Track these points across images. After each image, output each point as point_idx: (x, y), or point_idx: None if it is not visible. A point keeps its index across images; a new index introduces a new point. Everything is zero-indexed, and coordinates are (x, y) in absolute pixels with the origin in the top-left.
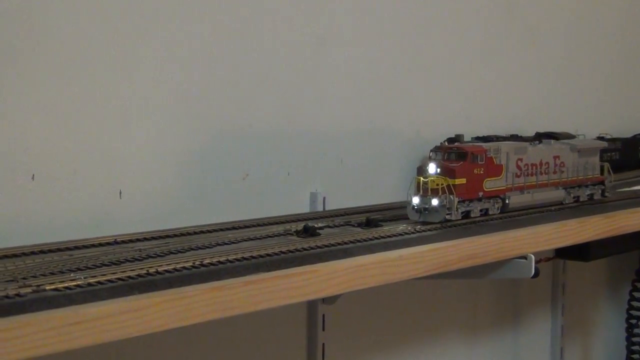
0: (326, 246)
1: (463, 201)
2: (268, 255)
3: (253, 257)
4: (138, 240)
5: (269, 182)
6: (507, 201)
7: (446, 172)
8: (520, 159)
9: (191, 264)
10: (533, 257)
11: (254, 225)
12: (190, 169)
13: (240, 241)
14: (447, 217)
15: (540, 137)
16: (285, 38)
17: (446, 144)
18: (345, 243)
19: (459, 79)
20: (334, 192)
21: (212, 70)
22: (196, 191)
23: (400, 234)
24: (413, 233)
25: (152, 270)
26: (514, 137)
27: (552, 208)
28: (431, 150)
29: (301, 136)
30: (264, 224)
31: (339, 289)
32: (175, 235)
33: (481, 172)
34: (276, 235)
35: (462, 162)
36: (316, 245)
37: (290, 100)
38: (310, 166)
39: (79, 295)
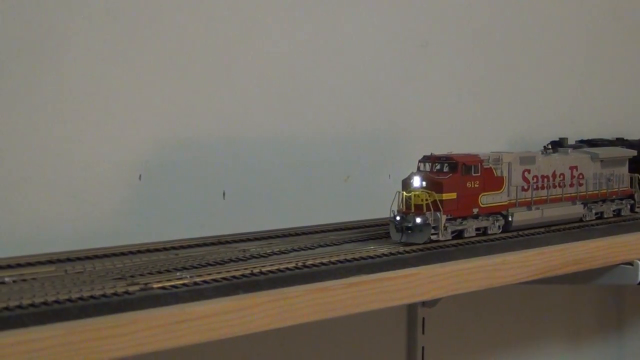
0: (428, 249)
1: (453, 219)
2: (370, 257)
3: (355, 259)
4: (241, 240)
5: (369, 184)
6: (510, 218)
7: (432, 185)
8: (528, 171)
9: (294, 264)
10: None
11: (355, 228)
12: (293, 171)
13: (342, 243)
14: (434, 237)
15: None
16: (387, 42)
17: (450, 152)
18: (448, 247)
19: (564, 81)
20: None
21: (316, 75)
22: (298, 193)
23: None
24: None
25: (256, 271)
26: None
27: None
28: (419, 160)
29: (402, 138)
30: (366, 226)
31: (440, 292)
32: (278, 236)
33: (476, 185)
34: (377, 238)
35: (451, 174)
36: (418, 249)
37: (391, 103)
38: (412, 169)
39: (185, 294)
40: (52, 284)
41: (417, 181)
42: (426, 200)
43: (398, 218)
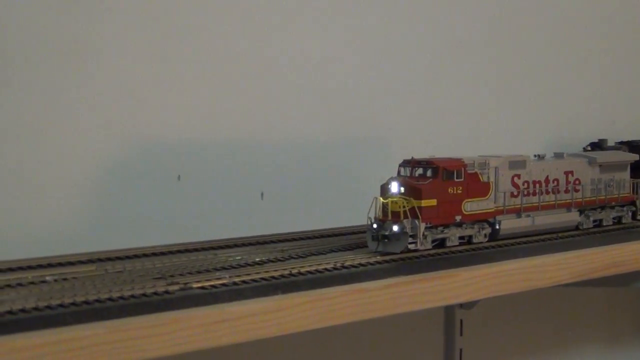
0: (468, 251)
1: (434, 227)
2: (409, 258)
3: (394, 260)
4: (279, 241)
5: None
6: (497, 226)
7: (411, 191)
8: (517, 176)
9: (332, 265)
10: None
11: None
12: (329, 173)
13: None
14: (412, 246)
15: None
16: (422, 41)
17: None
18: (487, 248)
19: (605, 81)
20: None
21: (356, 76)
22: (335, 195)
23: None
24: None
25: (294, 271)
26: None
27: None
28: (400, 165)
29: (439, 141)
30: None
31: (479, 294)
32: (316, 237)
33: (459, 191)
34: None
35: (431, 180)
36: (457, 251)
37: (427, 104)
38: None
39: (224, 294)
40: (92, 283)
41: (394, 187)
42: (404, 207)
43: (375, 226)
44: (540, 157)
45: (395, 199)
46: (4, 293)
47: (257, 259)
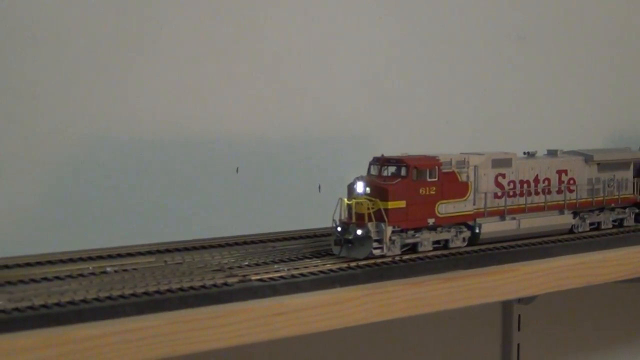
0: (526, 245)
1: (403, 231)
2: (467, 252)
3: (452, 254)
4: None
5: None
6: (477, 230)
7: (377, 192)
8: (502, 175)
9: (390, 259)
10: None
11: None
12: None
13: None
14: (377, 252)
15: None
16: (482, 34)
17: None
18: (546, 242)
19: None
20: None
21: (413, 69)
22: None
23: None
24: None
25: (352, 264)
26: None
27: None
28: (370, 162)
29: (499, 129)
30: None
31: (538, 289)
32: None
33: (432, 192)
34: None
35: (400, 180)
36: (516, 244)
37: (488, 97)
38: None
39: (282, 287)
40: (152, 274)
41: (360, 187)
42: (369, 209)
43: (339, 229)
44: (530, 155)
45: (360, 200)
46: (65, 284)
47: (315, 252)
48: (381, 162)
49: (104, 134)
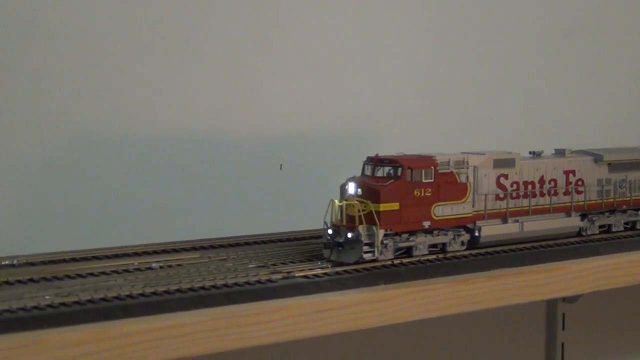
0: (573, 243)
1: (397, 234)
2: (512, 250)
3: (496, 252)
4: None
5: None
6: (477, 233)
7: (368, 193)
8: (504, 176)
9: (435, 256)
10: None
11: None
12: None
13: None
14: (368, 256)
15: None
16: (531, 31)
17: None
18: (592, 241)
19: None
20: None
21: (463, 66)
22: None
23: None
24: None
25: (396, 262)
26: None
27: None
28: (364, 162)
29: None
30: None
31: (585, 287)
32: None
33: (428, 193)
34: None
35: (393, 181)
36: (562, 242)
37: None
38: None
39: (327, 283)
40: (197, 270)
41: (351, 188)
42: (360, 211)
43: (330, 232)
44: (536, 155)
45: (351, 202)
46: (111, 279)
47: None
48: (374, 162)
49: (158, 133)
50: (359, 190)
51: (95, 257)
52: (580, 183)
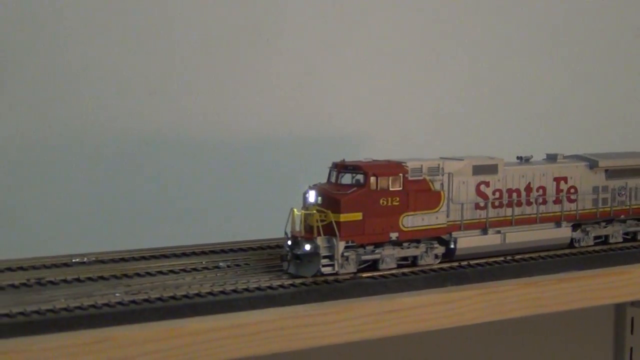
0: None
1: (360, 247)
2: (580, 253)
3: (565, 255)
4: None
5: None
6: (452, 245)
7: (328, 202)
8: (485, 183)
9: (502, 258)
10: None
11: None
12: None
13: None
14: (327, 270)
15: None
16: (600, 31)
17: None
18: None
19: None
20: None
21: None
22: None
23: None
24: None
25: (463, 263)
26: None
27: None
28: (330, 168)
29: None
30: None
31: None
32: None
33: (395, 202)
34: None
35: (356, 189)
36: (631, 245)
37: (601, 94)
38: None
39: (394, 284)
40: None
41: (312, 196)
42: (318, 221)
43: (289, 243)
44: (524, 160)
45: (310, 212)
46: (179, 277)
47: None
48: (339, 168)
49: (211, 134)
50: (319, 198)
51: (163, 255)
52: (572, 191)
